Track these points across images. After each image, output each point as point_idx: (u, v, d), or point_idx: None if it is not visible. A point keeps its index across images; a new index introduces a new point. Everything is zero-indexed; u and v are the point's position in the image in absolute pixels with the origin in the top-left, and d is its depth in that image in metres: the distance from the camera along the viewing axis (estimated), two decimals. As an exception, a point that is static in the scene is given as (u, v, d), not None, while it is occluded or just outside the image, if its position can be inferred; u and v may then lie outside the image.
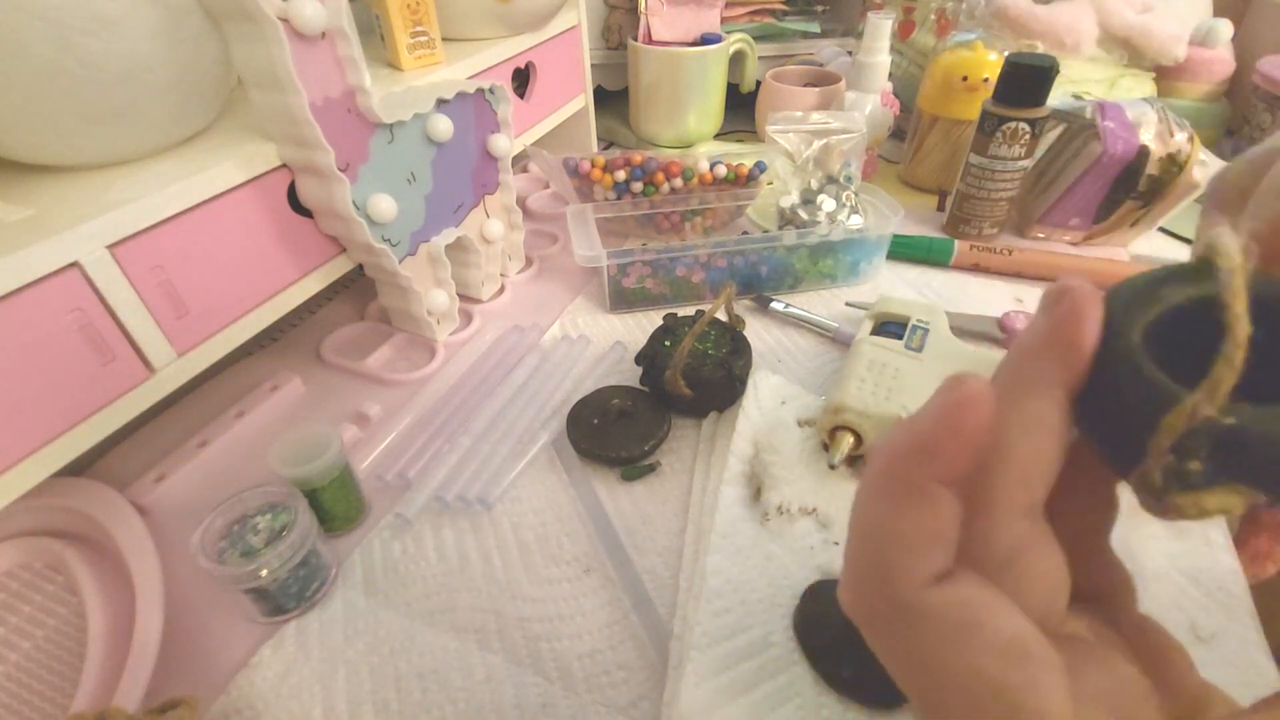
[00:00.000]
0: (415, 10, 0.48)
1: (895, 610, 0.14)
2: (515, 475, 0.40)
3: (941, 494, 0.13)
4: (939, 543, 0.13)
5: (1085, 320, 0.14)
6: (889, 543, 0.14)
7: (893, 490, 0.14)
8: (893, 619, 0.14)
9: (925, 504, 0.13)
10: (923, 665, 0.14)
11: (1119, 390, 0.13)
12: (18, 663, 0.32)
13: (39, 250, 0.29)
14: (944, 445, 0.13)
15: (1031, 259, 0.56)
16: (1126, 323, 0.14)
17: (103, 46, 0.31)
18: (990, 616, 0.13)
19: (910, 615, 0.13)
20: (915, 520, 0.13)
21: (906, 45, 0.78)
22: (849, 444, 0.37)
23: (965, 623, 0.13)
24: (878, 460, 0.14)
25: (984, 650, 0.13)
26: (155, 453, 0.42)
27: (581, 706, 0.30)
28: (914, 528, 0.13)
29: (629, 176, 0.56)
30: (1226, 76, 0.71)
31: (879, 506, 0.14)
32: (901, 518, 0.13)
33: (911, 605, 0.13)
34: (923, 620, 0.13)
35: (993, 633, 0.13)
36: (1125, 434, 0.13)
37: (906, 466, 0.13)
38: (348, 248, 0.45)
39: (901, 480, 0.14)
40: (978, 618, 0.13)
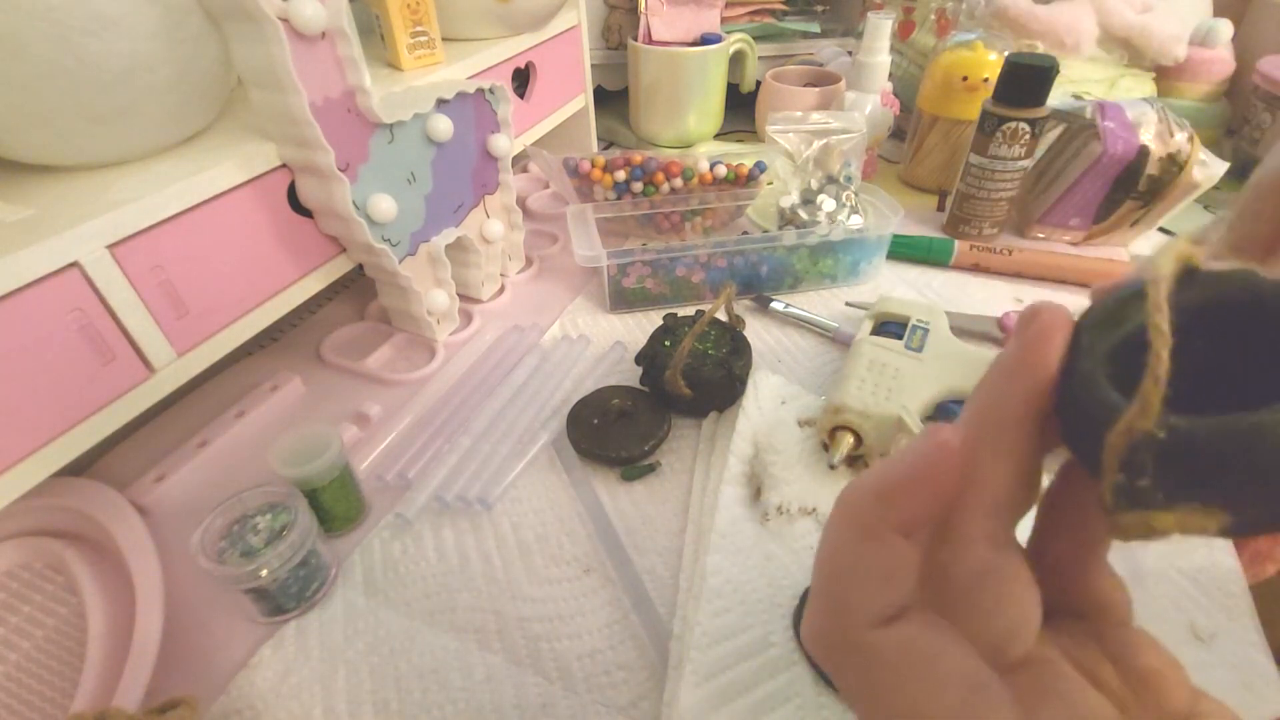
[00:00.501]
0: (415, 10, 0.48)
1: (846, 647, 0.14)
2: (515, 475, 0.40)
3: (894, 540, 0.14)
4: (889, 585, 0.14)
5: (1050, 343, 0.14)
6: (842, 582, 0.14)
7: (849, 533, 0.14)
8: (844, 656, 0.14)
9: (878, 548, 0.14)
10: (872, 702, 0.14)
11: (1078, 409, 0.14)
12: (18, 663, 0.32)
13: (39, 250, 0.29)
14: (904, 496, 0.14)
15: (1031, 259, 0.56)
16: (1091, 343, 0.14)
17: (103, 46, 0.31)
18: (936, 656, 0.13)
19: (859, 653, 0.14)
20: (867, 563, 0.14)
21: (906, 45, 0.78)
22: (849, 444, 0.37)
23: (911, 663, 0.13)
24: (845, 500, 0.15)
25: (929, 690, 0.13)
26: (155, 453, 0.42)
27: (581, 706, 0.30)
28: (865, 570, 0.14)
29: (629, 176, 0.56)
30: (1226, 76, 0.71)
31: (836, 547, 0.14)
32: (855, 559, 0.14)
33: (860, 643, 0.14)
34: (870, 658, 0.14)
35: (938, 672, 0.13)
36: (1089, 453, 0.13)
37: (864, 511, 0.14)
38: (348, 248, 0.45)
39: (858, 524, 0.14)
40: (923, 657, 0.13)
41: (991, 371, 0.15)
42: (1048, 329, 0.14)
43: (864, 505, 0.14)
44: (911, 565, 0.14)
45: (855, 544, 0.14)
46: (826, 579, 0.15)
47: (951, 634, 0.14)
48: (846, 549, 0.14)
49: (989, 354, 0.42)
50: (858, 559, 0.14)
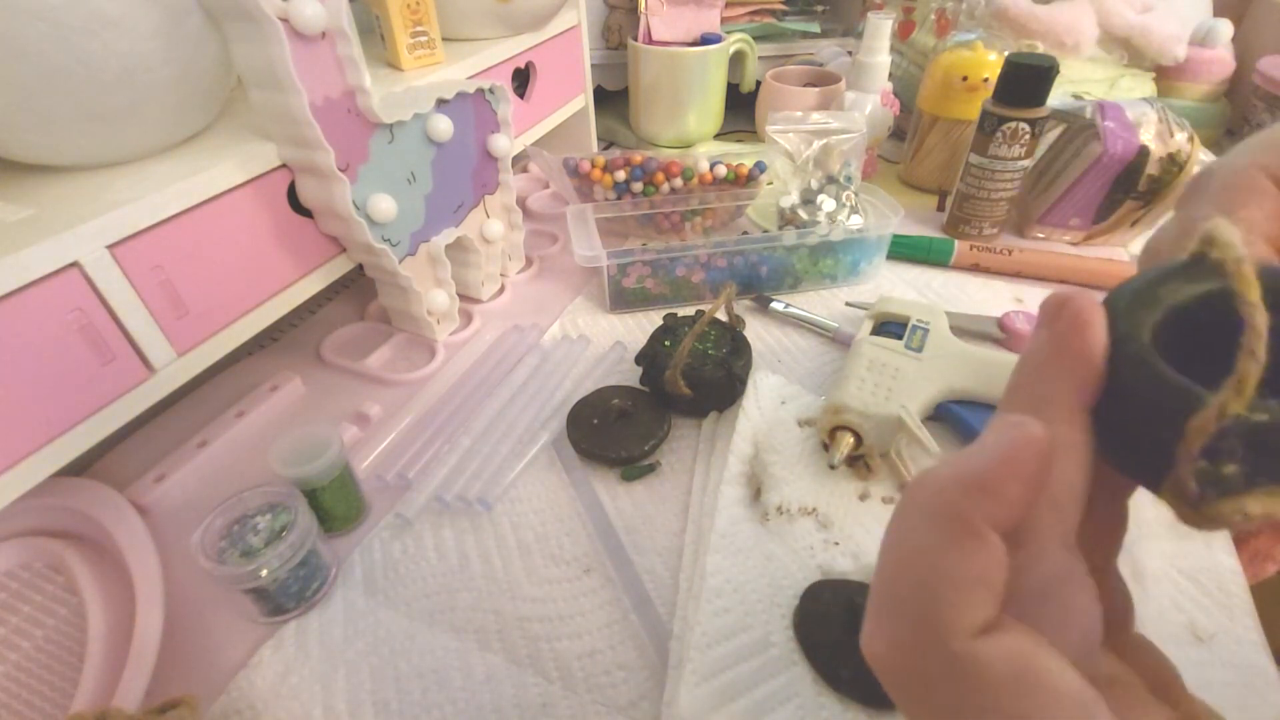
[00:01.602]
0: (415, 10, 0.48)
1: (941, 663, 0.12)
2: (515, 475, 0.40)
3: (991, 536, 0.12)
4: (989, 589, 0.12)
5: (1091, 329, 0.13)
6: (932, 588, 0.12)
7: (938, 530, 0.12)
8: (937, 673, 0.12)
9: (977, 546, 0.12)
10: None
11: (1137, 397, 0.13)
12: (18, 663, 0.32)
13: (39, 250, 0.29)
14: (1006, 487, 0.12)
15: (1031, 259, 0.56)
16: (1133, 326, 0.13)
17: (103, 46, 0.31)
18: (1048, 670, 0.12)
19: (960, 667, 0.12)
20: (963, 563, 0.12)
21: (906, 45, 0.78)
22: (849, 444, 0.37)
23: (1023, 677, 0.12)
24: (924, 493, 0.13)
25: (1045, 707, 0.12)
26: (155, 453, 0.42)
27: (581, 706, 0.30)
28: (962, 572, 0.12)
29: (629, 176, 0.56)
30: (1226, 76, 0.71)
31: (921, 547, 0.13)
32: (954, 558, 0.12)
33: (962, 656, 0.12)
34: (973, 675, 0.12)
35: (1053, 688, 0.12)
36: (1149, 443, 0.12)
37: (956, 504, 0.12)
38: (348, 248, 0.45)
39: (950, 518, 0.12)
40: (1036, 671, 0.12)
41: (1023, 372, 0.14)
42: (1084, 315, 0.13)
43: (955, 498, 0.12)
44: (1004, 568, 0.12)
45: (947, 542, 0.12)
46: (909, 585, 0.13)
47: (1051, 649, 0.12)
48: (935, 548, 0.12)
49: (989, 354, 0.42)
50: (950, 558, 0.12)
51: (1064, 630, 0.13)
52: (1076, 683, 0.12)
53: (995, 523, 0.12)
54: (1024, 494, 0.12)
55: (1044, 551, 0.13)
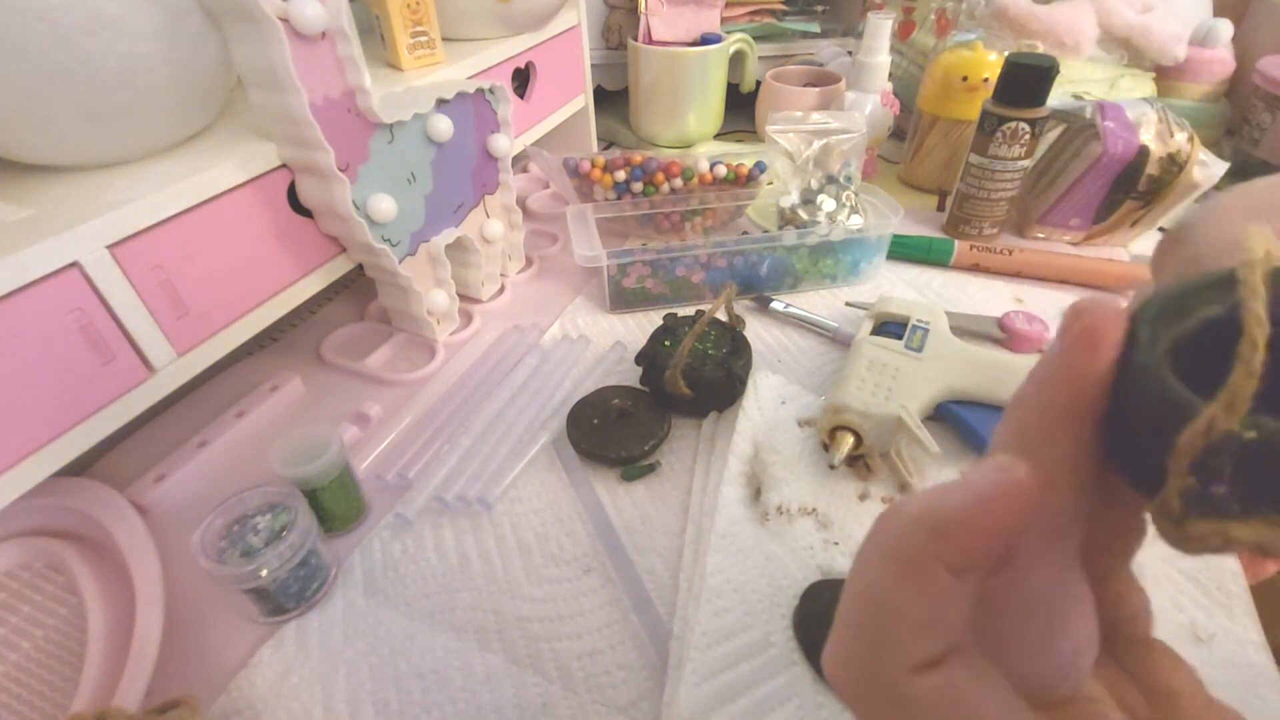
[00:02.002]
0: (415, 10, 0.48)
1: (878, 689, 0.13)
2: (515, 475, 0.40)
3: (944, 580, 0.12)
4: (934, 630, 0.12)
5: (1100, 347, 0.13)
6: (885, 619, 0.13)
7: (892, 568, 0.13)
8: (875, 698, 0.13)
9: (925, 589, 0.12)
10: None
11: (1138, 407, 0.12)
12: (18, 663, 0.32)
13: (39, 250, 0.29)
14: (964, 534, 0.12)
15: (1031, 259, 0.56)
16: (1151, 336, 0.12)
17: (103, 46, 0.31)
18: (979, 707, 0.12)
19: (896, 698, 0.13)
20: (910, 604, 0.12)
21: (906, 45, 0.78)
22: (849, 444, 0.37)
23: (954, 711, 0.12)
24: (888, 528, 0.13)
25: None
26: (155, 453, 0.42)
27: (581, 706, 0.30)
28: (907, 611, 0.13)
29: (629, 176, 0.56)
30: (1226, 76, 0.70)
31: (880, 579, 0.13)
32: (896, 598, 0.13)
33: (899, 687, 0.12)
34: (905, 706, 0.12)
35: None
36: (1146, 455, 0.12)
37: (912, 546, 0.13)
38: (348, 248, 0.45)
39: (903, 559, 0.13)
40: (963, 708, 0.12)
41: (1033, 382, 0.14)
42: (1097, 325, 0.13)
43: (912, 539, 0.13)
44: (961, 608, 0.13)
45: (898, 581, 0.13)
46: (862, 612, 0.13)
47: (995, 681, 0.13)
48: (887, 585, 0.13)
49: (989, 354, 0.42)
50: (900, 598, 0.13)
51: (1045, 650, 0.13)
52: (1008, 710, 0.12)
53: (954, 567, 0.12)
54: (993, 542, 0.12)
55: (1031, 573, 0.13)
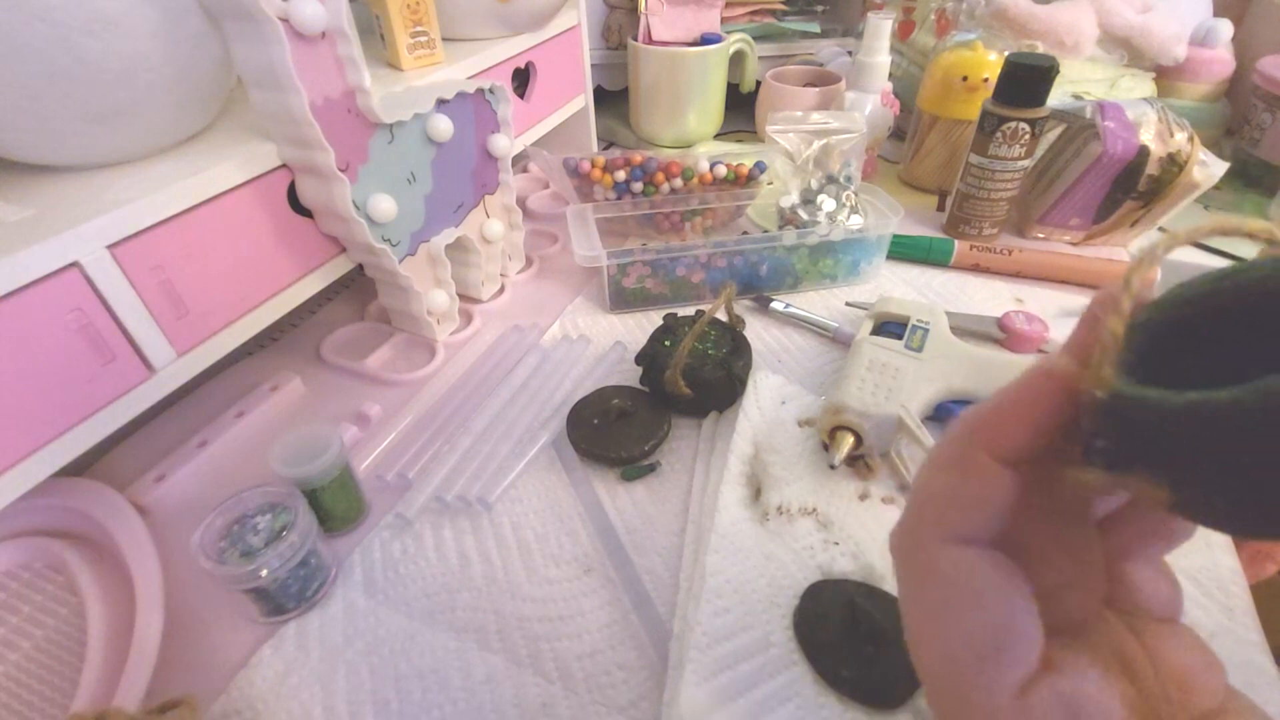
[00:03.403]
0: (415, 10, 0.48)
1: (914, 553, 0.15)
2: (515, 475, 0.40)
3: (987, 466, 0.14)
4: (972, 509, 0.14)
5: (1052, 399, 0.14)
6: (929, 496, 0.15)
7: (946, 455, 0.15)
8: (910, 559, 0.15)
9: (967, 472, 0.15)
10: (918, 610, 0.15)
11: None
12: (18, 663, 0.32)
13: (39, 250, 0.29)
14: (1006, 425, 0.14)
15: (1031, 259, 0.56)
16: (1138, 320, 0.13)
17: (103, 46, 0.31)
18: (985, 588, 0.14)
19: (922, 561, 0.15)
20: (956, 483, 0.15)
21: (906, 45, 0.78)
22: (849, 444, 0.37)
23: (961, 587, 0.14)
24: (948, 428, 0.16)
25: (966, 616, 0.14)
26: (155, 453, 0.42)
27: (581, 706, 0.30)
28: (952, 489, 0.15)
29: (629, 176, 0.56)
30: (1226, 76, 0.70)
31: (932, 466, 0.16)
32: (944, 478, 0.15)
33: (927, 553, 0.15)
34: (930, 569, 0.15)
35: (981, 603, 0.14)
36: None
37: (963, 435, 0.15)
38: (348, 248, 0.45)
39: (954, 447, 0.15)
40: (975, 588, 0.14)
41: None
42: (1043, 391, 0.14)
43: (960, 430, 0.15)
44: (999, 496, 0.14)
45: (944, 466, 0.15)
46: (917, 492, 0.16)
47: (1011, 574, 0.14)
48: (935, 469, 0.15)
49: (989, 354, 0.42)
50: (942, 479, 0.15)
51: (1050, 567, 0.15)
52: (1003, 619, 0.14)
53: (999, 453, 0.14)
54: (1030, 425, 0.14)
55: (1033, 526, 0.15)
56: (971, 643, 0.14)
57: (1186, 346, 0.12)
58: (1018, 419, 0.14)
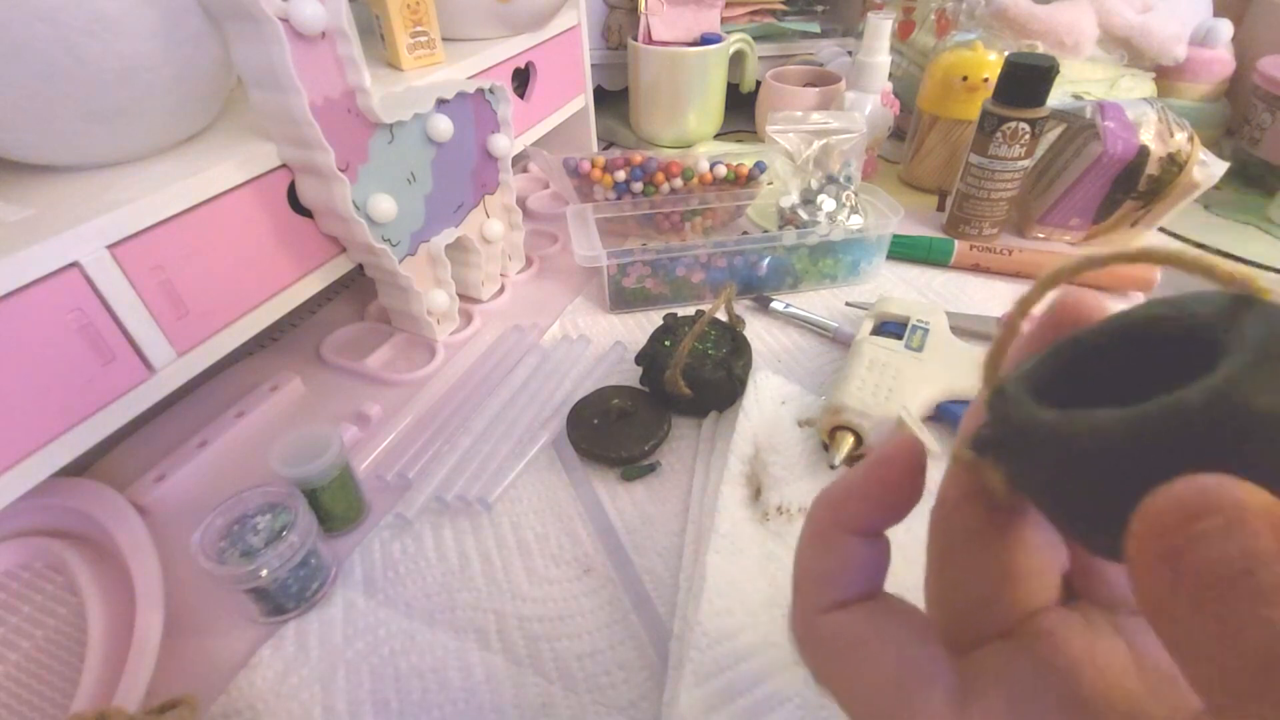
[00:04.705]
0: (415, 10, 0.48)
1: (802, 629, 0.16)
2: (515, 475, 0.40)
3: (844, 540, 0.16)
4: (839, 579, 0.16)
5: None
6: (800, 575, 0.17)
7: (804, 534, 0.17)
8: (801, 636, 0.16)
9: (826, 548, 0.16)
10: (825, 680, 0.16)
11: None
12: (18, 663, 0.32)
13: (39, 250, 0.29)
14: (851, 505, 0.16)
15: (1031, 259, 0.56)
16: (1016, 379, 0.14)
17: (103, 46, 0.31)
18: (869, 640, 0.15)
19: (810, 634, 0.16)
20: (819, 559, 0.16)
21: (906, 45, 0.78)
22: (849, 444, 0.37)
23: (844, 644, 0.15)
24: (813, 505, 0.17)
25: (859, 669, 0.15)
26: (155, 453, 0.42)
27: (581, 706, 0.30)
28: (817, 565, 0.16)
29: (629, 176, 0.56)
30: (1226, 76, 0.71)
31: (799, 546, 0.17)
32: (809, 556, 0.16)
33: (811, 626, 0.16)
34: (816, 640, 0.16)
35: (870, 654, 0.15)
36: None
37: (815, 517, 0.16)
38: (348, 248, 0.45)
39: (810, 528, 0.16)
40: (857, 640, 0.15)
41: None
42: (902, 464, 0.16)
43: (816, 511, 0.16)
44: (864, 562, 0.16)
45: (807, 545, 0.16)
46: (793, 574, 0.17)
47: (900, 621, 0.15)
48: (801, 549, 0.17)
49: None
50: (807, 557, 0.16)
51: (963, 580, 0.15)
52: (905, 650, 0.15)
53: (854, 528, 0.16)
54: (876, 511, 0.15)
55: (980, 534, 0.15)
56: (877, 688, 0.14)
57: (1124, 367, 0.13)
58: (865, 498, 0.15)
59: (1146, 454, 0.10)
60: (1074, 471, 0.11)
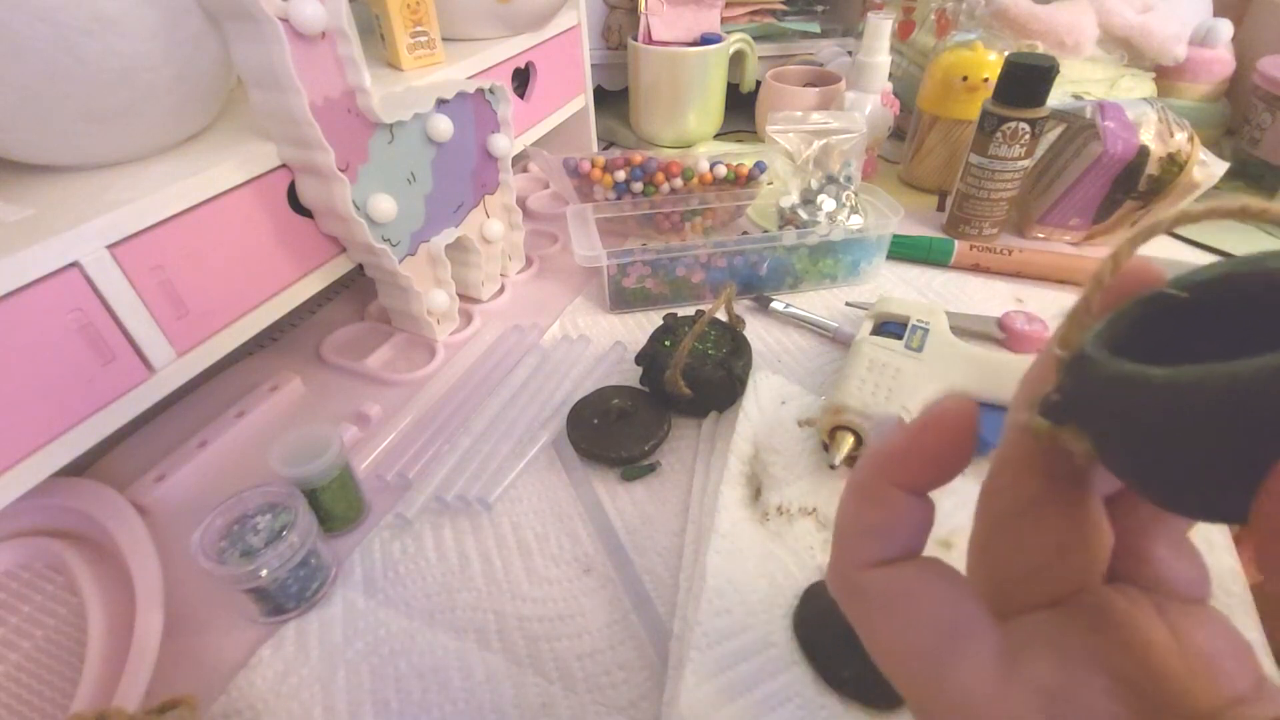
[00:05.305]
0: (415, 10, 0.48)
1: (844, 583, 0.16)
2: (515, 475, 0.40)
3: (893, 496, 0.15)
4: (884, 534, 0.16)
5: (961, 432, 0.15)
6: (844, 529, 0.16)
7: (854, 488, 0.16)
8: (842, 593, 0.16)
9: (873, 504, 0.16)
10: (867, 635, 0.16)
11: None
12: (18, 663, 0.32)
13: (39, 250, 0.29)
14: (905, 459, 0.15)
15: (1031, 259, 0.56)
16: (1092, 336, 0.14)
17: (103, 46, 0.31)
18: (918, 596, 0.15)
19: (852, 590, 0.16)
20: (865, 513, 0.16)
21: (906, 45, 0.78)
22: (849, 444, 0.37)
23: (893, 599, 0.15)
24: (857, 464, 0.17)
25: (906, 626, 0.15)
26: (155, 453, 0.42)
27: (581, 706, 0.30)
28: (863, 519, 0.16)
29: (629, 176, 0.56)
30: (1226, 76, 0.70)
31: (844, 500, 0.17)
32: (854, 510, 0.16)
33: (854, 580, 0.16)
34: (861, 595, 0.16)
35: (918, 611, 0.15)
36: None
37: (868, 470, 0.16)
38: (348, 248, 0.45)
39: (856, 484, 0.16)
40: (905, 596, 0.15)
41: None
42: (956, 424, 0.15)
43: (864, 467, 0.16)
44: (910, 519, 0.16)
45: (853, 499, 0.16)
46: (835, 528, 0.17)
47: (948, 580, 0.15)
48: (846, 503, 0.16)
49: (989, 354, 0.42)
50: (853, 511, 0.16)
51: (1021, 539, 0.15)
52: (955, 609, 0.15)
53: (903, 483, 0.15)
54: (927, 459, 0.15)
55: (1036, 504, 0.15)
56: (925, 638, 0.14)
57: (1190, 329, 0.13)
58: (919, 454, 0.15)
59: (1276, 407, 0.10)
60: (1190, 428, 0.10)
